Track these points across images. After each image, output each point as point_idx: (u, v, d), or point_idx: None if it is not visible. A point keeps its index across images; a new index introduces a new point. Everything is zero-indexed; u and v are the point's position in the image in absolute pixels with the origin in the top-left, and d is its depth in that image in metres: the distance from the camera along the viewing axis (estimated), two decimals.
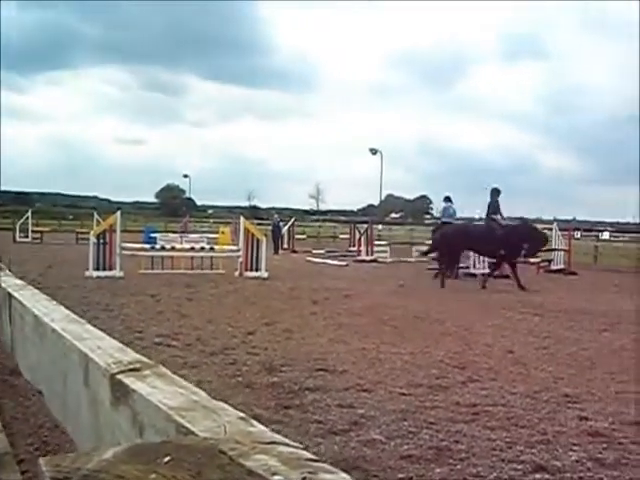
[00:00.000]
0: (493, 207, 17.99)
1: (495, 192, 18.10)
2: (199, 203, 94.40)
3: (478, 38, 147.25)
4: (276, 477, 0.68)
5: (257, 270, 17.45)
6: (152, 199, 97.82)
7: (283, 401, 6.02)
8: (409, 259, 25.20)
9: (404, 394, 6.32)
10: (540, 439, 5.17)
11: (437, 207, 22.81)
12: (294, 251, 29.71)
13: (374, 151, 59.17)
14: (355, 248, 26.63)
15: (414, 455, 4.81)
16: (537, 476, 4.48)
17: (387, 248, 26.36)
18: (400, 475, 4.45)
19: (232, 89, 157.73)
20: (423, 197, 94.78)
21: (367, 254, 24.73)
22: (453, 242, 17.66)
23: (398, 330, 9.80)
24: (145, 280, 15.57)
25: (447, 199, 20.90)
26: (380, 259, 24.47)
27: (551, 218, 40.76)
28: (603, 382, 7.07)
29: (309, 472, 0.70)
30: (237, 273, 17.44)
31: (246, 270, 17.35)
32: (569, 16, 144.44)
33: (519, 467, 4.61)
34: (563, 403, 6.19)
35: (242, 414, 0.95)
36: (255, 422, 0.91)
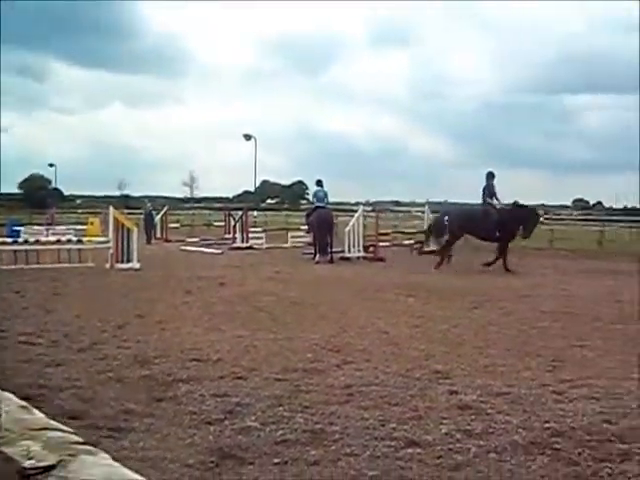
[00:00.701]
0: (489, 191, 18.16)
1: (490, 176, 18.28)
2: (67, 193, 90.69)
3: (348, 24, 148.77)
4: (29, 462, 0.67)
5: (128, 261, 16.96)
6: (15, 190, 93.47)
7: (156, 394, 5.90)
8: (285, 245, 25.26)
9: (279, 379, 6.34)
10: (412, 415, 5.31)
11: (312, 192, 23.14)
12: (167, 240, 29.06)
13: (248, 137, 58.72)
14: (230, 236, 26.42)
15: (289, 439, 4.83)
16: (409, 451, 4.59)
17: (262, 235, 26.29)
18: (275, 460, 4.46)
19: (101, 74, 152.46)
20: (299, 182, 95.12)
21: (242, 241, 24.57)
22: (454, 226, 17.99)
23: (273, 316, 9.82)
24: (8, 276, 14.80)
25: (318, 183, 21.04)
26: (256, 246, 24.37)
27: (424, 201, 41.91)
28: (472, 357, 7.34)
29: (69, 454, 0.69)
30: (108, 265, 16.89)
31: (117, 262, 16.86)
32: (436, 3, 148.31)
33: (392, 444, 4.71)
34: (434, 379, 6.39)
35: (24, 402, 0.90)
36: (35, 410, 0.88)
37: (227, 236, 27.20)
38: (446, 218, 18.40)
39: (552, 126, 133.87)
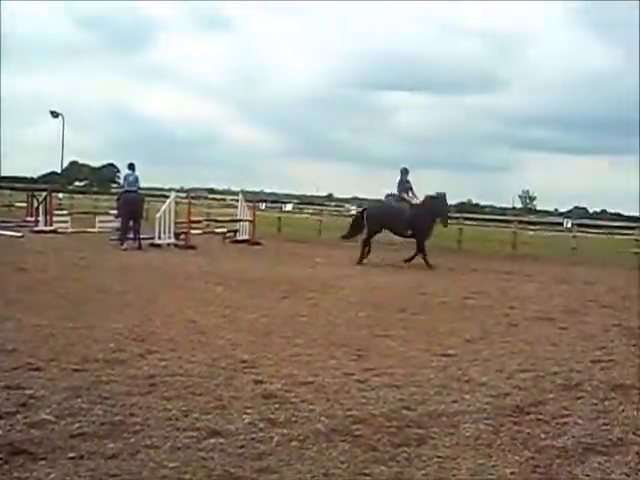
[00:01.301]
0: (403, 186, 18.14)
1: (404, 171, 18.29)
2: None
3: (169, 5, 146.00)
4: None
5: None
6: None
7: None
8: (92, 229, 24.27)
9: (78, 370, 6.05)
10: (216, 405, 5.25)
11: (123, 175, 22.37)
12: None
13: (55, 114, 55.72)
14: (32, 218, 25.02)
15: (86, 432, 4.60)
16: (212, 441, 4.53)
17: (68, 218, 25.09)
18: (71, 454, 4.23)
19: None
20: (110, 165, 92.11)
21: (46, 224, 23.34)
22: (371, 223, 17.92)
23: (76, 304, 9.38)
24: None
25: (130, 166, 20.43)
26: (60, 230, 23.21)
27: (239, 189, 41.96)
28: (279, 346, 7.39)
29: None
30: None
31: None
32: None
33: (194, 434, 4.63)
34: (240, 369, 6.36)
35: None
36: None
37: (29, 219, 25.71)
38: (365, 215, 18.55)
39: (368, 121, 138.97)
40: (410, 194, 18.19)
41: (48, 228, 22.88)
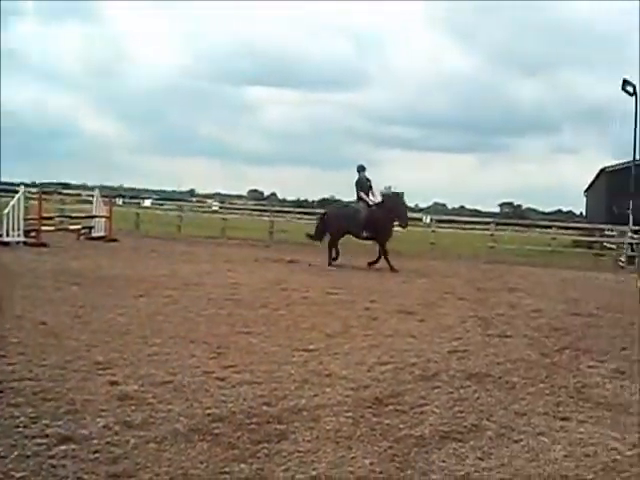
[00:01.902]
0: (361, 186, 17.63)
1: (361, 168, 17.80)
2: None
3: None
4: None
5: None
6: None
7: None
8: None
9: None
10: (68, 409, 5.03)
11: None
12: None
13: None
14: None
15: None
16: (63, 447, 4.33)
17: None
18: None
19: None
20: None
21: None
22: (331, 226, 17.59)
23: None
24: None
25: None
26: None
27: (97, 184, 40.55)
28: (136, 346, 7.18)
29: None
30: None
31: None
32: None
33: (44, 441, 4.41)
34: (94, 370, 6.12)
35: None
36: None
37: None
38: (325, 217, 18.28)
39: (232, 116, 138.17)
40: (370, 194, 17.76)
41: None
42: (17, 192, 20.32)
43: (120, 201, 37.02)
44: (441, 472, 4.26)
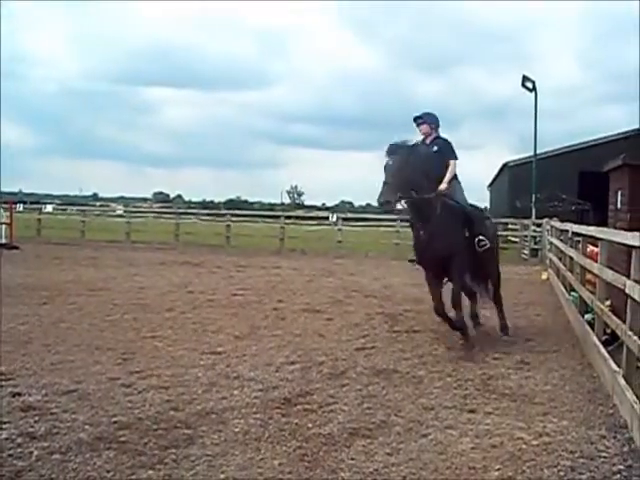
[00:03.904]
0: None
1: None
2: None
3: None
4: None
5: None
6: None
7: None
8: None
9: None
10: None
11: None
12: None
13: None
14: None
15: None
16: None
17: None
18: None
19: None
20: None
21: None
22: None
23: None
24: None
25: None
26: None
27: None
28: (39, 355, 7.02)
29: None
30: None
31: None
32: None
33: None
34: None
35: None
36: None
37: None
38: None
39: (133, 117, 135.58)
40: None
41: None
42: None
43: (20, 207, 35.82)
44: (350, 470, 4.31)
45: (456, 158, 8.38)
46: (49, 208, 40.54)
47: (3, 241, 21.88)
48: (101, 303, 10.60)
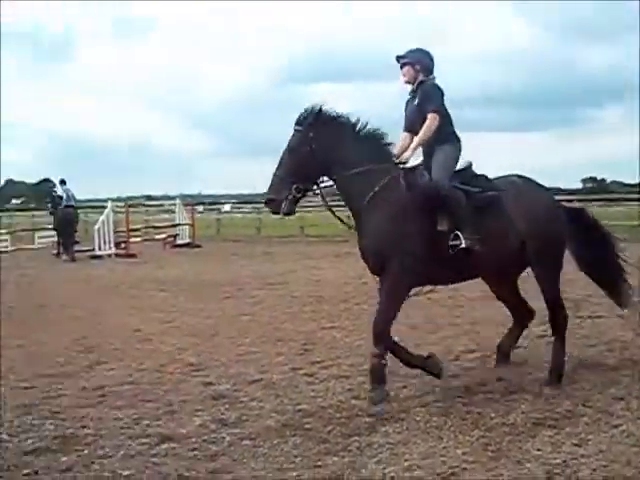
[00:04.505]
0: None
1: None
2: None
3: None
4: None
5: None
6: None
7: None
8: (31, 246, 23.88)
9: (27, 387, 5.98)
10: (166, 410, 5.25)
11: (62, 190, 21.85)
12: None
13: None
14: None
15: (39, 448, 4.58)
16: (164, 446, 4.53)
17: (7, 237, 24.65)
18: (25, 471, 4.22)
19: None
20: (46, 180, 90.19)
21: None
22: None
23: (21, 321, 9.23)
24: None
25: (62, 182, 20.35)
26: (1, 249, 22.81)
27: (177, 194, 41.44)
28: (225, 347, 7.40)
29: None
30: None
31: None
32: None
33: (146, 441, 4.63)
34: (188, 372, 6.36)
35: None
36: None
37: None
38: None
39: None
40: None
41: None
42: (105, 207, 21.07)
43: (201, 208, 37.71)
44: (537, 460, 4.16)
45: (436, 110, 5.71)
46: (226, 207, 42.49)
47: (187, 241, 23.14)
48: (280, 296, 10.98)
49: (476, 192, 5.65)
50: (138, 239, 22.10)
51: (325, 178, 5.77)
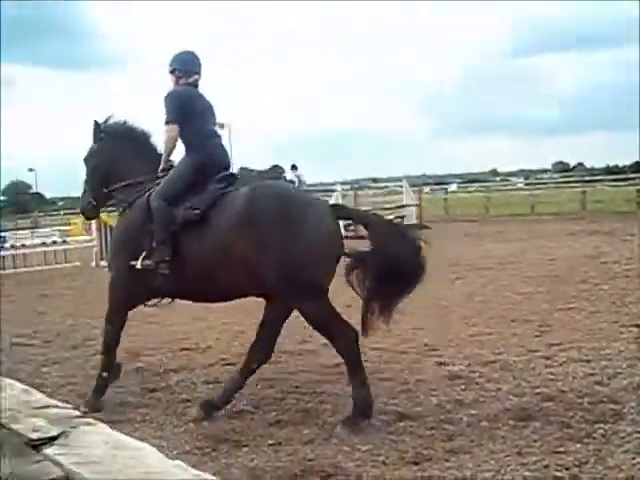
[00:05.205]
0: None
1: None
2: (48, 196, 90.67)
3: None
4: (36, 434, 0.78)
5: None
6: None
7: (149, 384, 5.91)
8: None
9: (269, 362, 6.32)
10: (402, 389, 5.35)
11: (295, 175, 22.80)
12: None
13: (221, 125, 57.67)
14: None
15: (282, 420, 4.86)
16: (401, 424, 4.62)
17: None
18: (270, 441, 4.48)
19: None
20: (275, 166, 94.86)
21: None
22: None
23: (260, 301, 9.74)
24: None
25: (293, 167, 21.20)
26: None
27: (402, 175, 41.92)
28: (458, 328, 7.36)
29: (70, 427, 0.80)
30: (93, 264, 16.81)
31: (101, 259, 16.71)
32: None
33: (385, 417, 4.75)
34: (422, 352, 6.42)
35: (26, 387, 1.03)
36: (35, 392, 0.99)
37: None
38: None
39: (522, 89, 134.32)
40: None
41: None
42: (333, 191, 21.77)
43: (427, 189, 37.80)
44: None
45: (166, 122, 5.49)
46: (453, 187, 42.22)
47: (414, 221, 23.24)
48: (512, 276, 10.73)
49: (188, 207, 5.13)
50: None
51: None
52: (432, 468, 3.91)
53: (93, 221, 15.73)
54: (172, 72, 5.67)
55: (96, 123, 5.86)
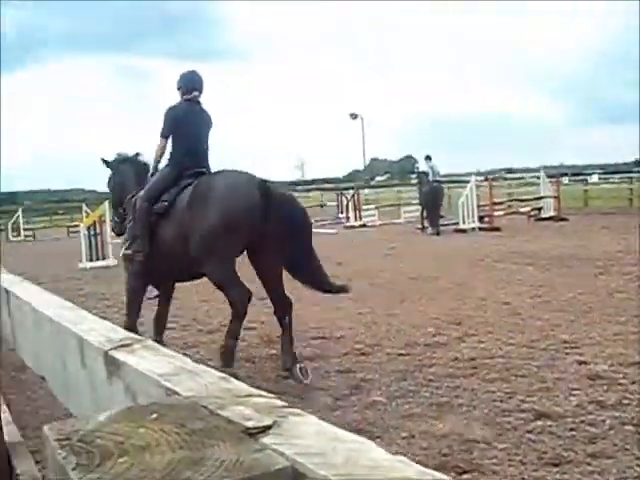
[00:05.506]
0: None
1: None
2: None
3: None
4: (250, 422, 0.80)
5: None
6: None
7: (283, 372, 6.02)
8: (398, 220, 25.18)
9: (402, 354, 6.32)
10: (540, 387, 5.18)
11: (429, 166, 22.50)
12: None
13: (354, 115, 57.70)
14: (343, 215, 26.54)
15: (415, 413, 4.82)
16: (539, 423, 4.48)
17: (375, 212, 26.32)
18: (403, 434, 4.46)
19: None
20: (408, 157, 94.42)
21: (355, 220, 24.72)
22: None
23: (391, 292, 9.78)
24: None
25: (428, 158, 20.90)
26: (369, 223, 24.45)
27: (538, 166, 40.65)
28: (601, 325, 7.06)
29: (279, 416, 0.82)
30: None
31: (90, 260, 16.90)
32: None
33: (521, 416, 4.62)
34: (561, 349, 6.20)
35: (222, 374, 1.06)
36: (234, 380, 1.02)
37: (341, 215, 27.28)
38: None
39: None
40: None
41: (358, 223, 24.27)
42: (467, 182, 21.44)
43: (565, 179, 36.49)
44: None
45: (160, 135, 6.50)
46: (594, 178, 40.53)
47: (552, 214, 22.56)
48: None
49: (162, 201, 6.13)
50: (501, 212, 22.10)
51: None
52: (573, 471, 3.77)
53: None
54: (178, 89, 6.59)
55: (103, 160, 7.16)
